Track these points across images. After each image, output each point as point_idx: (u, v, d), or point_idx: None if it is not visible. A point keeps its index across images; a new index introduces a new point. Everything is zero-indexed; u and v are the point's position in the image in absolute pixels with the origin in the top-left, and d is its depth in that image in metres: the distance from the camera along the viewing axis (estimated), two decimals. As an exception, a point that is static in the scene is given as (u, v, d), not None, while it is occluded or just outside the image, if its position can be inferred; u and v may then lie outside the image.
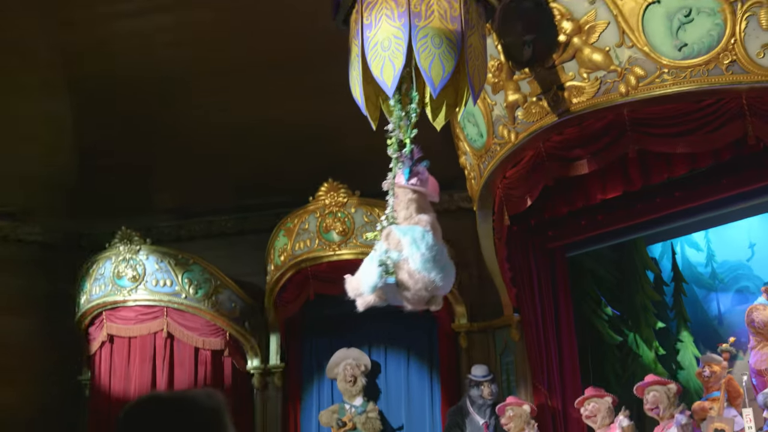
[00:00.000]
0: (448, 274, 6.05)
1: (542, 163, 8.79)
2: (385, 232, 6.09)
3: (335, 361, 11.69)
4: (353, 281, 6.16)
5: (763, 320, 9.73)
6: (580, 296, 11.71)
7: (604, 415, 8.96)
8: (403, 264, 5.87)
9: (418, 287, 5.90)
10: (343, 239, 11.22)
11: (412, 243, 5.87)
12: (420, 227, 6.03)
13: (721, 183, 9.72)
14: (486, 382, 10.39)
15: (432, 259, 5.88)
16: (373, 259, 5.99)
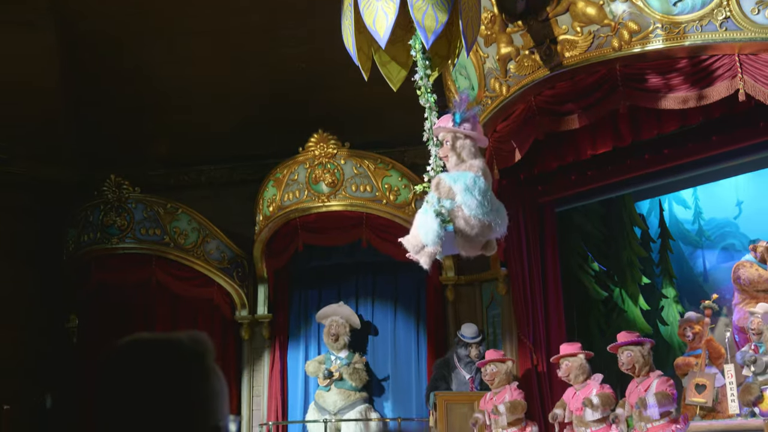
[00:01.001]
0: (502, 216, 6.05)
1: (533, 117, 8.78)
2: (435, 181, 6.05)
3: (325, 313, 11.76)
4: (411, 239, 6.12)
5: (748, 277, 9.82)
6: (567, 251, 11.76)
7: (577, 374, 9.02)
8: (457, 211, 5.86)
9: (475, 233, 5.90)
10: (332, 190, 11.22)
11: (465, 190, 5.85)
12: (471, 173, 6.00)
13: (711, 140, 9.73)
14: (474, 344, 10.45)
15: (486, 203, 5.87)
16: (426, 212, 5.96)
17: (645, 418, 8.15)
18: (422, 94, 6.34)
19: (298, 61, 11.15)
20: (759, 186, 12.37)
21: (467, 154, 6.10)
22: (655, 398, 8.06)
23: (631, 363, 8.45)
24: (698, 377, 9.92)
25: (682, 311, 12.09)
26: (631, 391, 8.51)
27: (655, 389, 8.17)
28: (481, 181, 5.92)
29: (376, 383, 11.86)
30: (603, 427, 8.71)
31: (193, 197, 12.50)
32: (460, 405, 9.72)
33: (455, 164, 6.12)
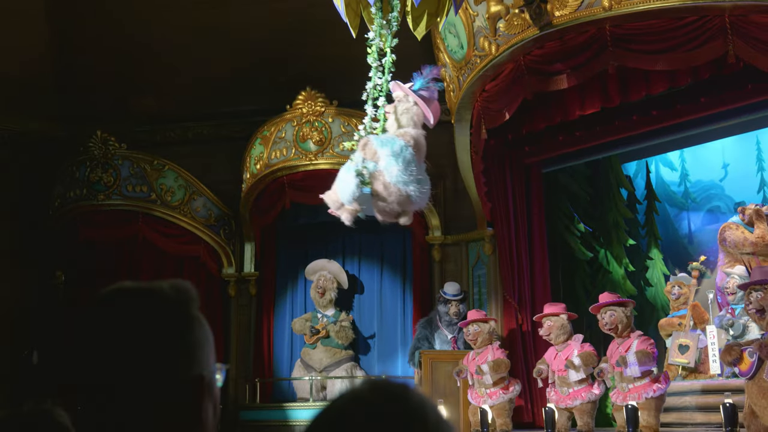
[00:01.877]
0: (424, 190, 6.04)
1: (522, 77, 8.75)
2: (363, 142, 6.04)
3: (314, 268, 11.80)
4: (331, 194, 6.14)
5: (734, 240, 9.87)
6: (553, 212, 11.80)
7: (558, 333, 9.08)
8: (379, 175, 5.86)
9: (392, 200, 5.90)
10: (319, 149, 11.19)
11: (390, 155, 5.84)
12: (401, 141, 5.98)
13: (699, 102, 9.74)
14: (455, 302, 10.50)
15: (408, 173, 5.86)
16: (349, 169, 5.96)
17: (626, 378, 8.23)
18: (371, 53, 6.29)
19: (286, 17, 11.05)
20: (745, 148, 12.41)
21: (407, 120, 6.09)
22: (635, 356, 8.13)
23: (614, 323, 8.51)
24: (681, 338, 10.02)
25: (666, 273, 12.18)
26: (612, 351, 8.58)
27: (635, 348, 8.24)
28: (408, 151, 5.90)
29: (363, 341, 11.94)
30: (585, 386, 8.80)
31: (179, 154, 12.44)
32: (445, 363, 9.80)
33: (391, 125, 6.11)
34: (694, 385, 9.40)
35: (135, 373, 1.32)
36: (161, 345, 1.34)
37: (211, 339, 1.46)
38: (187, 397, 1.33)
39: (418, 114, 6.17)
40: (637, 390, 8.12)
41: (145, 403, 1.31)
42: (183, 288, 1.44)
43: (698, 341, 9.90)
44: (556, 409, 7.98)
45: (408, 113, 6.12)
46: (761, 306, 7.07)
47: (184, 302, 1.42)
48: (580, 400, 8.74)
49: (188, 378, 1.35)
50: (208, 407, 1.37)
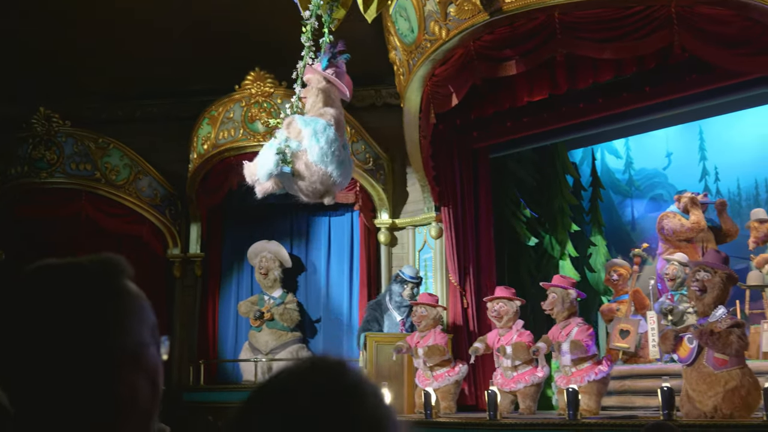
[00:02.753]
0: (346, 170, 6.06)
1: (471, 62, 8.78)
2: (287, 120, 6.06)
3: (254, 251, 11.74)
4: (250, 167, 6.15)
5: (672, 227, 10.07)
6: (500, 197, 11.90)
7: (510, 318, 9.20)
8: (301, 154, 5.86)
9: (313, 179, 5.91)
10: (268, 130, 11.09)
11: (312, 135, 5.86)
12: (323, 120, 5.99)
13: (644, 91, 9.88)
14: (411, 284, 10.53)
15: (330, 153, 5.87)
16: (271, 147, 5.97)
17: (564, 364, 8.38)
18: (305, 32, 6.29)
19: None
20: (688, 138, 12.65)
21: (325, 100, 6.11)
22: (569, 346, 8.27)
23: (552, 305, 8.65)
24: (622, 323, 10.20)
25: (609, 259, 12.38)
26: (553, 333, 8.72)
27: (574, 336, 8.37)
28: (330, 131, 5.93)
29: (309, 324, 11.92)
30: (529, 370, 8.92)
31: (125, 132, 12.24)
32: (389, 346, 9.83)
33: (310, 107, 6.13)
34: (635, 370, 9.59)
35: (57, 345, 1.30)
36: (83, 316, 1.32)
37: (145, 310, 1.43)
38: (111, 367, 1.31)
39: (334, 92, 6.20)
40: (579, 373, 8.26)
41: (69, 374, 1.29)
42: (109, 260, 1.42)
43: (639, 326, 10.09)
44: (499, 391, 8.08)
45: (323, 93, 6.14)
46: (704, 286, 7.16)
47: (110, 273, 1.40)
48: (523, 383, 8.86)
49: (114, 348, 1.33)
50: (137, 379, 1.34)
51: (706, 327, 6.97)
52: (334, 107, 6.19)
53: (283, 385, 1.12)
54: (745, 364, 7.10)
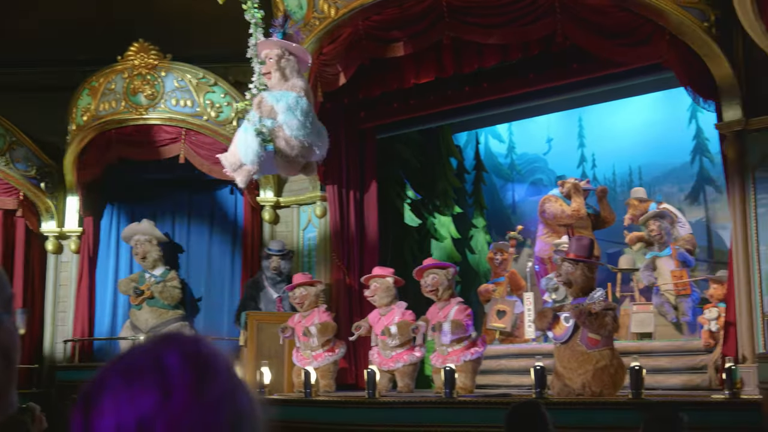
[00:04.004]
0: (323, 138, 6.00)
1: (360, 42, 8.79)
2: (257, 99, 5.92)
3: (127, 235, 11.44)
4: (229, 156, 5.99)
5: (553, 212, 10.35)
6: (385, 178, 11.96)
7: (383, 296, 9.28)
8: (278, 131, 5.76)
9: (295, 153, 5.83)
10: (151, 103, 10.84)
11: (287, 110, 5.76)
12: (294, 93, 5.90)
13: (528, 77, 10.08)
14: (276, 257, 10.48)
15: (308, 124, 5.80)
16: (247, 130, 5.83)
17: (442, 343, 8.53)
18: (248, 9, 6.19)
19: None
20: (568, 125, 13.00)
21: (290, 72, 6.05)
22: (450, 326, 8.42)
23: (436, 285, 8.77)
24: (499, 304, 10.46)
25: (489, 241, 12.65)
26: (432, 313, 8.85)
27: (453, 316, 8.52)
28: (303, 102, 5.90)
29: (191, 302, 11.74)
30: (407, 350, 9.03)
31: (1, 101, 11.71)
32: (270, 325, 9.78)
33: (278, 82, 6.05)
34: (510, 349, 9.85)
35: None
36: None
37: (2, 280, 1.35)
38: None
39: (296, 62, 6.12)
40: (456, 353, 8.42)
41: None
42: None
43: (515, 307, 10.36)
44: (377, 370, 8.16)
45: (288, 65, 6.04)
46: (569, 279, 7.46)
47: None
48: (401, 362, 8.97)
49: None
50: None
51: (584, 307, 7.22)
52: (301, 78, 6.10)
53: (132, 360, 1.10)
54: (613, 345, 7.41)
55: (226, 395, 1.09)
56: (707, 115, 9.14)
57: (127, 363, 1.10)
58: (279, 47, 6.08)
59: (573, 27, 8.04)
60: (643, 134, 12.06)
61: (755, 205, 7.57)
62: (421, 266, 9.05)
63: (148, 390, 1.05)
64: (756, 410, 6.20)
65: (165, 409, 1.04)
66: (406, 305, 9.37)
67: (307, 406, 8.38)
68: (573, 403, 6.99)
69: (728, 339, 7.70)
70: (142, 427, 1.04)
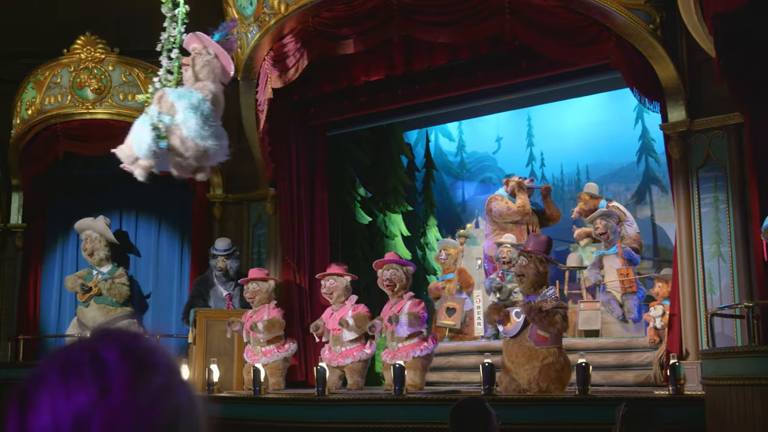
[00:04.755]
0: (222, 145, 5.91)
1: (310, 39, 8.77)
2: (159, 94, 5.81)
3: (80, 227, 11.28)
4: (125, 148, 5.88)
5: (499, 210, 10.46)
6: (336, 175, 11.96)
7: (340, 293, 9.32)
8: (175, 129, 5.68)
9: (189, 155, 5.73)
10: (98, 97, 10.69)
11: (187, 109, 5.67)
12: (199, 94, 5.82)
13: (477, 76, 10.15)
14: (222, 257, 10.44)
15: (206, 128, 5.72)
16: (144, 123, 5.74)
17: (396, 338, 8.56)
18: (165, 2, 6.11)
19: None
20: (517, 124, 13.13)
21: (207, 74, 5.96)
22: (407, 317, 8.46)
23: (394, 281, 8.82)
24: (449, 301, 10.52)
25: (439, 238, 12.72)
26: (385, 311, 8.88)
27: (407, 310, 8.57)
28: (206, 105, 5.80)
29: (140, 299, 11.61)
30: (357, 346, 9.05)
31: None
32: (219, 322, 9.73)
33: (190, 78, 5.98)
34: (460, 346, 9.91)
35: None
36: None
37: None
38: None
39: (218, 67, 6.03)
40: (405, 349, 8.45)
41: None
42: None
43: (464, 305, 10.43)
44: (327, 367, 8.16)
45: (208, 66, 5.96)
46: (521, 272, 7.56)
47: None
48: (351, 358, 8.99)
49: None
50: None
51: (535, 304, 7.31)
52: (214, 82, 5.99)
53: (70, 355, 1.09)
54: (561, 343, 7.51)
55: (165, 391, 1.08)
56: (653, 115, 9.27)
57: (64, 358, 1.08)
58: (210, 46, 6.00)
59: (521, 27, 8.11)
60: (590, 134, 12.23)
61: (699, 205, 7.72)
62: (382, 259, 9.10)
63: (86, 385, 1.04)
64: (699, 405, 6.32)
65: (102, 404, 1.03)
66: (356, 298, 9.41)
67: (256, 403, 8.34)
68: (520, 400, 7.06)
69: (672, 336, 7.83)
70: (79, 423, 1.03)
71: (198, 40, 6.04)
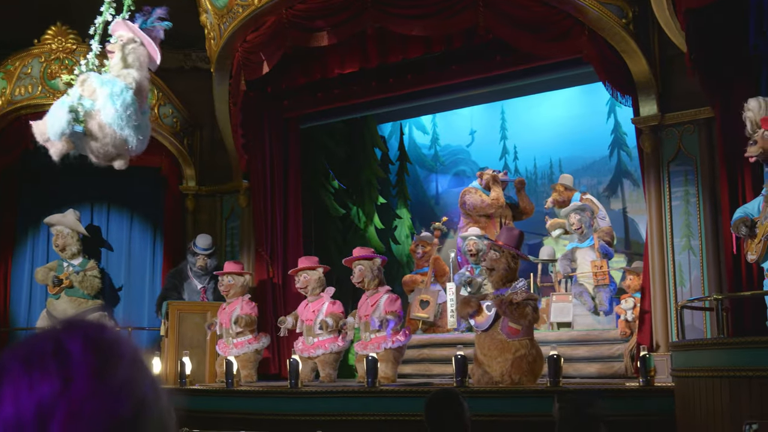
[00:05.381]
0: (142, 135, 5.86)
1: (283, 31, 8.73)
2: (82, 77, 5.77)
3: (49, 222, 11.17)
4: (40, 125, 5.85)
5: (473, 203, 10.50)
6: (309, 168, 11.94)
7: (314, 286, 9.32)
8: (95, 114, 5.65)
9: (106, 141, 5.70)
10: (63, 88, 10.58)
11: (109, 96, 5.63)
12: (123, 82, 5.77)
13: (451, 69, 10.16)
14: (203, 256, 10.41)
15: (126, 117, 5.66)
16: (63, 104, 5.70)
17: (371, 329, 8.56)
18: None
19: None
20: (491, 117, 13.17)
21: (132, 60, 5.91)
22: (393, 316, 8.46)
23: (362, 277, 8.82)
24: (423, 294, 10.54)
25: (413, 231, 12.74)
26: (361, 304, 8.88)
27: (385, 307, 8.56)
28: (128, 94, 5.76)
29: (111, 291, 11.52)
30: (330, 338, 9.05)
31: None
32: (192, 315, 9.70)
33: (116, 65, 5.94)
34: (434, 339, 9.93)
35: None
36: None
37: None
38: None
39: (144, 55, 5.99)
40: (378, 341, 8.46)
41: None
42: None
43: (438, 297, 10.46)
44: (300, 359, 8.15)
45: (134, 53, 5.91)
46: (492, 266, 7.58)
47: None
48: (323, 350, 9.00)
49: None
50: None
51: (505, 297, 7.34)
52: (140, 71, 5.95)
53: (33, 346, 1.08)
54: (533, 335, 7.54)
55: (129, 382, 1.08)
56: (626, 109, 9.33)
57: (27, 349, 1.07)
58: (136, 34, 5.96)
59: (495, 20, 8.12)
60: (564, 127, 12.29)
61: (669, 198, 7.78)
62: (349, 257, 9.10)
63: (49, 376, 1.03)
64: (669, 397, 6.38)
65: (65, 396, 1.03)
66: (334, 290, 9.41)
67: (229, 396, 8.32)
68: (492, 392, 7.09)
69: (643, 328, 7.90)
70: (42, 414, 1.02)
71: (126, 27, 6.00)
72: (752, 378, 5.33)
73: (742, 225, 6.23)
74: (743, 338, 5.90)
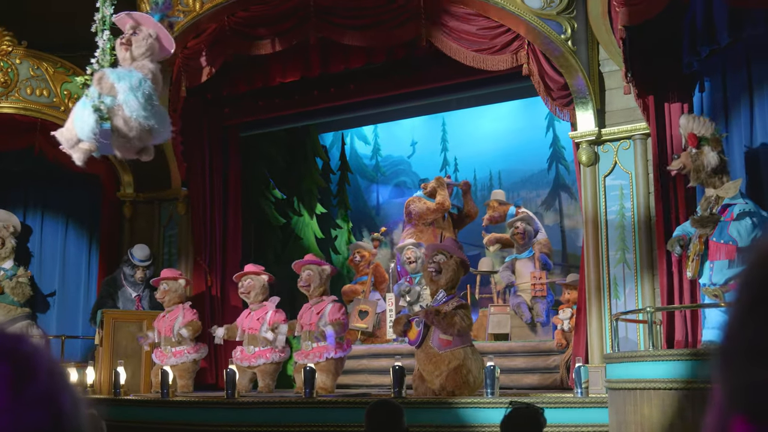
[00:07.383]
0: (165, 124, 5.84)
1: (225, 38, 8.68)
2: (98, 75, 5.68)
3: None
4: (65, 132, 5.76)
5: (418, 211, 10.56)
6: (250, 176, 11.87)
7: (258, 293, 9.26)
8: (117, 110, 5.58)
9: (133, 134, 5.64)
10: (4, 91, 10.35)
11: (129, 89, 5.57)
12: (139, 73, 5.72)
13: (393, 80, 10.20)
14: (142, 267, 10.27)
15: (149, 107, 5.63)
16: (85, 105, 5.61)
17: (312, 338, 8.52)
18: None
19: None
20: (432, 129, 13.26)
21: (145, 52, 5.88)
22: (332, 328, 8.43)
23: (308, 281, 8.79)
24: (362, 304, 10.54)
25: (353, 241, 12.73)
26: (303, 312, 8.84)
27: (330, 316, 8.52)
28: (147, 84, 5.74)
29: (41, 299, 11.29)
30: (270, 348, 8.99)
31: None
32: (127, 324, 9.55)
33: (127, 58, 5.88)
34: (372, 349, 9.93)
35: None
36: None
37: None
38: None
39: (157, 46, 5.94)
40: (319, 350, 8.42)
41: None
42: None
43: (377, 307, 10.46)
44: (238, 369, 8.08)
45: (145, 45, 5.86)
46: (440, 267, 7.54)
47: None
48: (263, 359, 8.92)
49: None
50: None
51: (431, 307, 7.36)
52: (155, 63, 5.90)
53: None
54: (470, 343, 7.55)
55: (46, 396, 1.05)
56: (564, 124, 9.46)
57: None
58: (151, 26, 5.92)
59: (436, 33, 8.18)
60: (503, 140, 12.42)
61: (605, 212, 7.89)
62: (300, 261, 9.07)
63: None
64: (602, 408, 6.47)
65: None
66: (279, 300, 9.35)
67: (164, 406, 8.21)
68: (428, 402, 7.11)
69: (578, 340, 7.99)
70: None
71: (132, 19, 5.95)
72: (686, 390, 5.43)
73: (677, 243, 6.38)
74: (676, 350, 6.01)
